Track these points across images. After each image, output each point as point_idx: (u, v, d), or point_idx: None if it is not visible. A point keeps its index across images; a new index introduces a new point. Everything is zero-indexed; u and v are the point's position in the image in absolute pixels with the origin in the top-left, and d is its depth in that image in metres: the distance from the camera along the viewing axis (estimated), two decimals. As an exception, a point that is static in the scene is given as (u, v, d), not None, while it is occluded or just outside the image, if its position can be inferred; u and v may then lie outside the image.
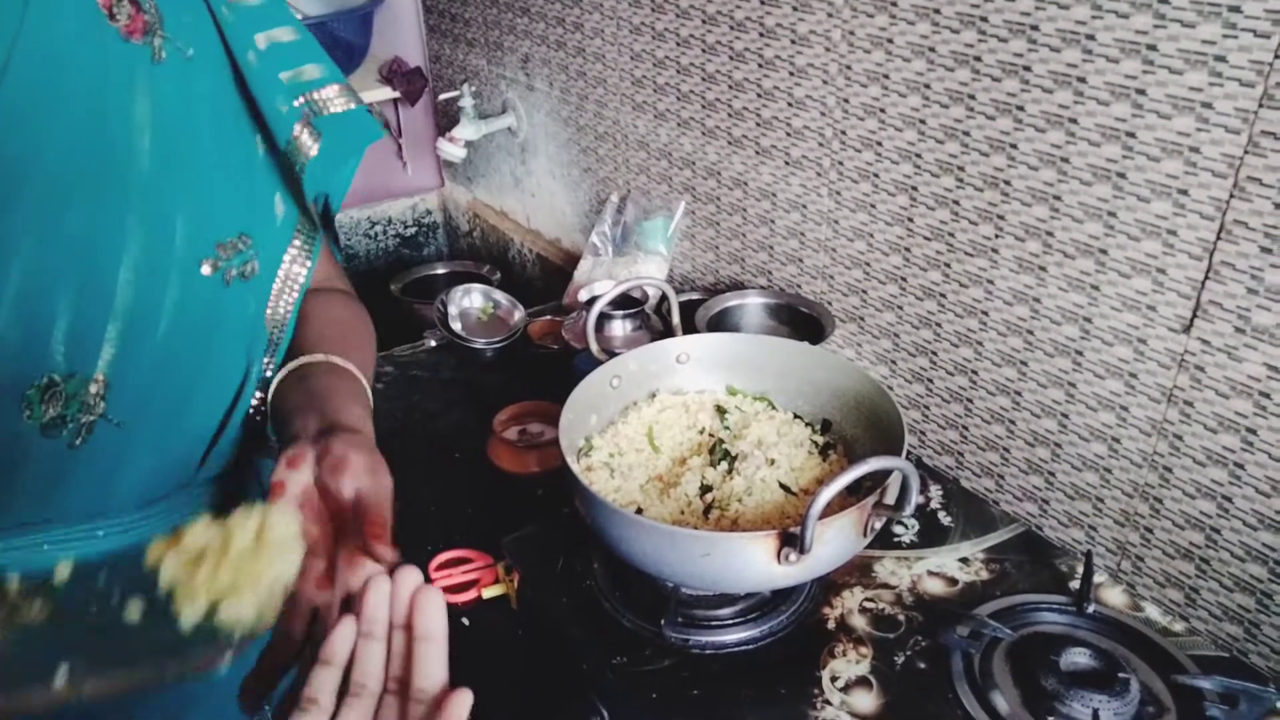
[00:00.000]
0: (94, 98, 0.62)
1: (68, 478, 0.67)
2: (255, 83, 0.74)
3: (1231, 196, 0.75)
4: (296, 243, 0.80)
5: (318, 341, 0.77)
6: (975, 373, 1.02)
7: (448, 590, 1.02)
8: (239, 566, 0.55)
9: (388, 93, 2.08)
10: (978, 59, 0.90)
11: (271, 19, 0.76)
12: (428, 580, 0.59)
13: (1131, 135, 0.80)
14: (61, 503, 0.67)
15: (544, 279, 1.86)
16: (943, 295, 1.03)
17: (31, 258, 0.61)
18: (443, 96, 1.90)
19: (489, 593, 1.00)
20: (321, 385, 0.72)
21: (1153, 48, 0.77)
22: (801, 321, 1.18)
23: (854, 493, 0.85)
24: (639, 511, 0.87)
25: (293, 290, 0.79)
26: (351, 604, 0.57)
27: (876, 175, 1.06)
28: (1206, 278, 0.79)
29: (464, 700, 0.50)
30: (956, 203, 0.98)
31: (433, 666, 0.52)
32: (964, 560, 0.94)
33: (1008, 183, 0.92)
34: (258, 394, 0.78)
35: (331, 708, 0.51)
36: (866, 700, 0.79)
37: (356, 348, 0.80)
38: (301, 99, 0.77)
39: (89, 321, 0.64)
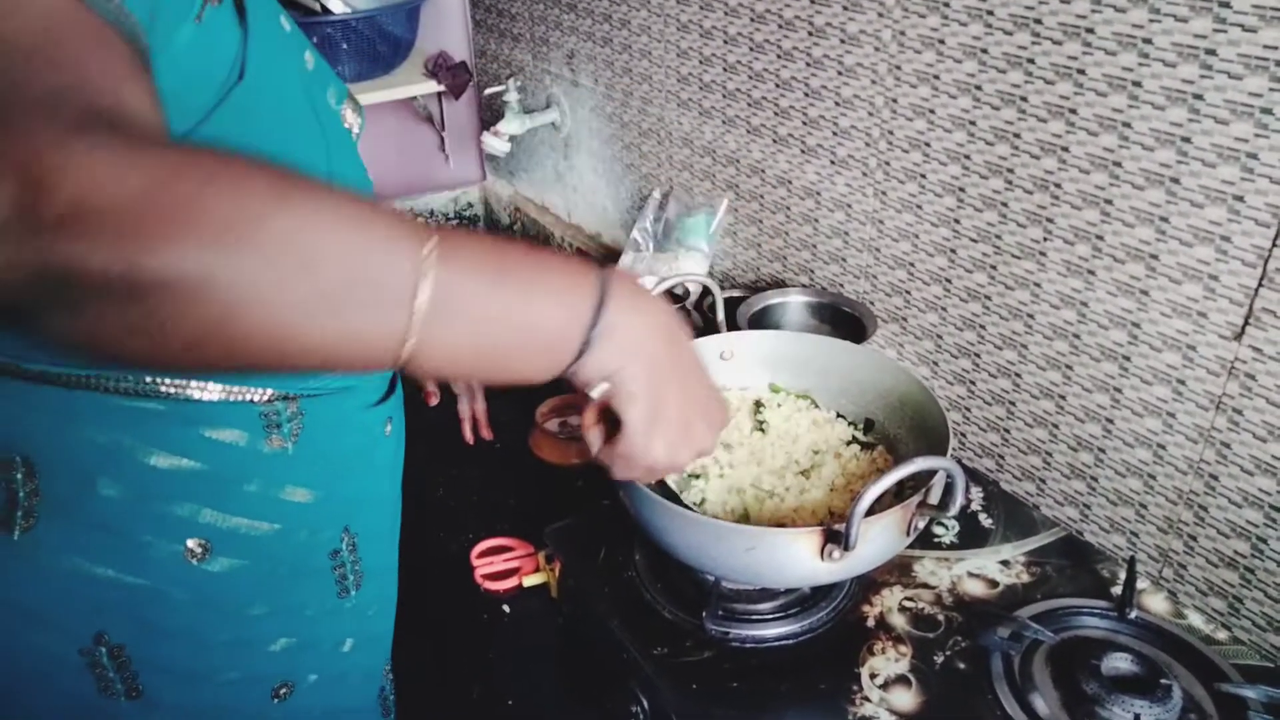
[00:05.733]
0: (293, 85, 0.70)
1: None
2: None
3: (1288, 203, 0.75)
4: None
5: None
6: (1019, 376, 1.02)
7: (489, 578, 1.04)
8: None
9: (433, 86, 2.10)
10: (1031, 61, 0.90)
11: None
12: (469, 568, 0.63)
13: (1187, 140, 0.80)
14: None
15: (584, 273, 1.87)
16: (988, 298, 1.03)
17: None
18: (487, 91, 1.92)
19: (530, 581, 1.02)
20: None
21: (1211, 52, 0.76)
22: (843, 321, 1.18)
23: (894, 494, 0.85)
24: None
25: None
26: None
27: (924, 176, 1.06)
28: (1260, 284, 0.78)
29: None
30: (1005, 205, 0.97)
31: None
32: (1004, 563, 0.94)
33: (1058, 185, 0.91)
34: None
35: None
36: (905, 698, 0.79)
37: None
38: None
39: None
